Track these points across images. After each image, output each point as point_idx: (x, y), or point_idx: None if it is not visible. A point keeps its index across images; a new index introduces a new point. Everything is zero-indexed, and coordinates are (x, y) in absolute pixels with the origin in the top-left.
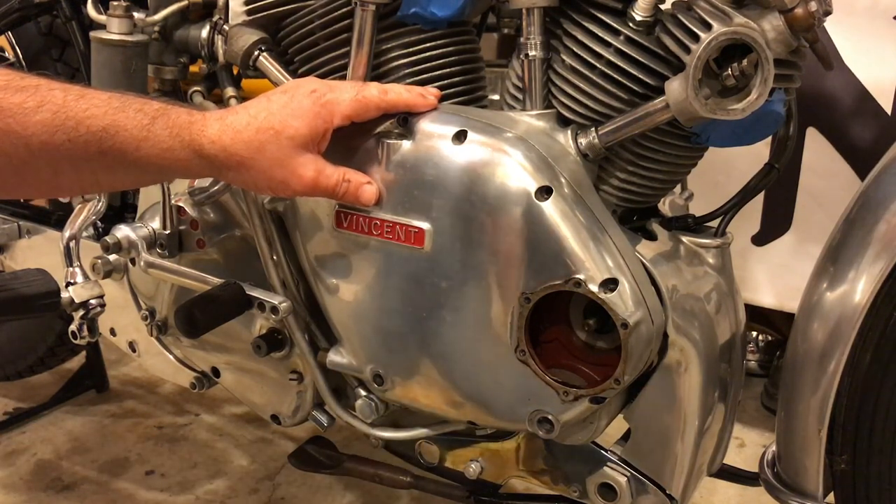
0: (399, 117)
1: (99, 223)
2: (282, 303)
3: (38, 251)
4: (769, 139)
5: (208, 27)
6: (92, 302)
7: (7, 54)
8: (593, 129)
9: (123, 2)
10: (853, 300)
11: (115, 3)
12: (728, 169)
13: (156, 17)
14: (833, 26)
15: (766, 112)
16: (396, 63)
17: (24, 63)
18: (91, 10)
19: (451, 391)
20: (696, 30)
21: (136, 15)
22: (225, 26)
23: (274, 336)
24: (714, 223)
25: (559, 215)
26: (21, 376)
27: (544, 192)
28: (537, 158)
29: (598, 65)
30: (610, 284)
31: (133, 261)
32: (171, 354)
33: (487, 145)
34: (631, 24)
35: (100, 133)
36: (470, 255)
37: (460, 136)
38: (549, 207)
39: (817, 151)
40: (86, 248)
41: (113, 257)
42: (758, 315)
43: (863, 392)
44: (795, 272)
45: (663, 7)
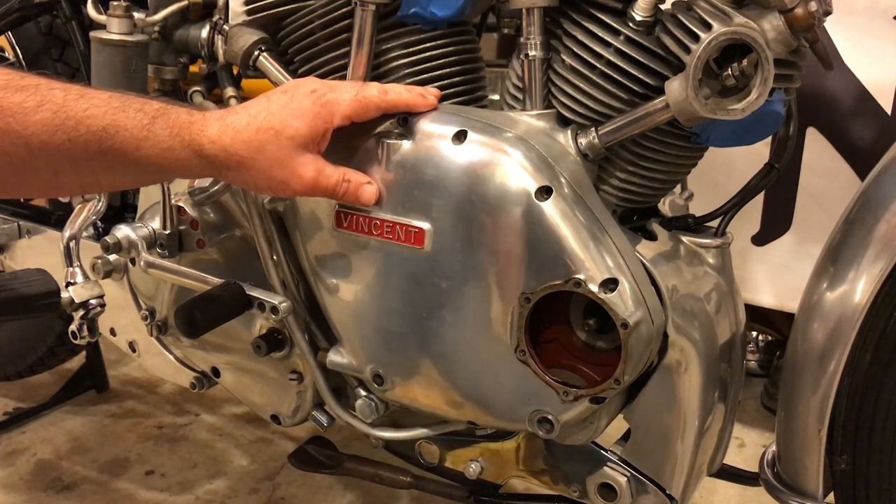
0: (399, 117)
1: (99, 223)
2: (282, 303)
3: (38, 251)
4: (769, 139)
5: (208, 27)
6: (92, 302)
7: (7, 54)
8: (593, 129)
9: (123, 2)
10: (853, 300)
11: (115, 3)
12: (728, 169)
13: (156, 17)
14: (833, 26)
15: (766, 112)
16: (396, 63)
17: (24, 63)
18: (91, 10)
19: (451, 391)
20: (696, 30)
21: (136, 15)
22: (225, 26)
23: (274, 336)
24: (714, 223)
25: (559, 215)
26: (21, 376)
27: (544, 192)
28: (537, 158)
29: (598, 65)
30: (610, 284)
31: (133, 261)
32: (171, 354)
33: (487, 145)
34: (631, 24)
35: (100, 133)
36: (470, 255)
37: (460, 136)
38: (549, 207)
39: (817, 151)
40: (86, 248)
41: (113, 257)
42: (758, 315)
43: (863, 392)
44: (795, 272)
45: (663, 7)
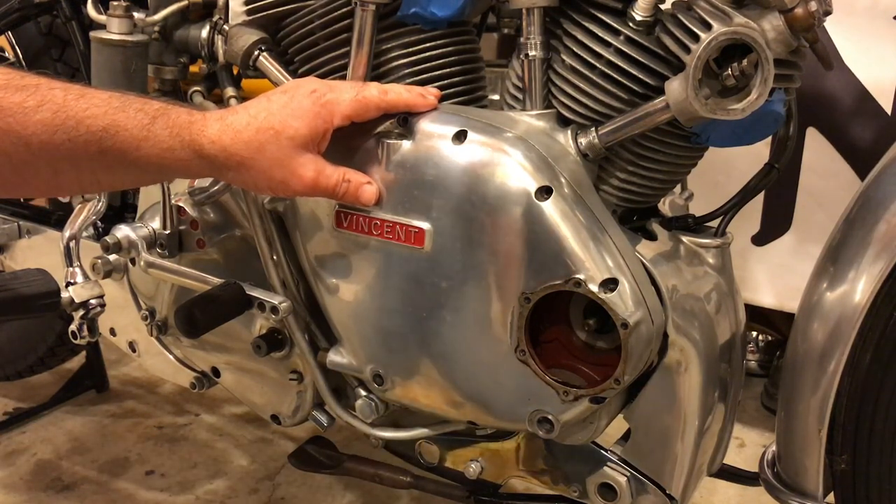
0: (399, 117)
1: (99, 223)
2: (282, 303)
3: (38, 251)
4: (769, 139)
5: (208, 27)
6: (92, 302)
7: (7, 54)
8: (593, 129)
9: (123, 2)
10: (853, 300)
11: (115, 3)
12: (728, 169)
13: (156, 17)
14: (833, 26)
15: (766, 112)
16: (396, 63)
17: (24, 63)
18: (91, 10)
19: (452, 391)
20: (696, 30)
21: (136, 15)
22: (225, 26)
23: (274, 336)
24: (714, 223)
25: (559, 215)
26: (21, 376)
27: (544, 192)
28: (537, 158)
29: (598, 65)
30: (610, 284)
31: (133, 261)
32: (171, 354)
33: (487, 145)
34: (631, 24)
35: (100, 133)
36: (470, 255)
37: (460, 136)
38: (549, 207)
39: (817, 151)
40: (86, 248)
41: (113, 257)
42: (758, 315)
43: (863, 392)
44: (795, 272)
45: (663, 7)
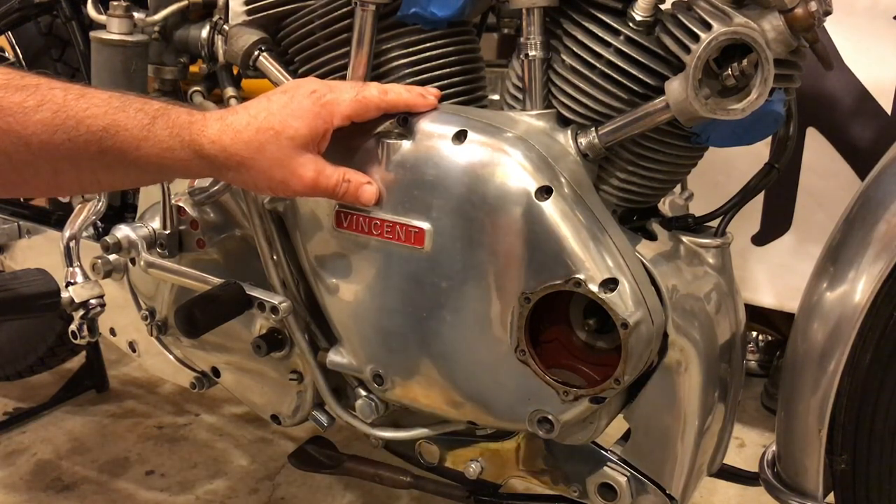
0: (399, 117)
1: (99, 223)
2: (282, 303)
3: (38, 251)
4: (769, 139)
5: (208, 27)
6: (92, 302)
7: (7, 54)
8: (593, 129)
9: (123, 2)
10: (853, 300)
11: (115, 3)
12: (728, 169)
13: (156, 17)
14: (833, 26)
15: (766, 112)
16: (396, 63)
17: (24, 63)
18: (91, 10)
19: (452, 391)
20: (696, 30)
21: (136, 15)
22: (225, 26)
23: (274, 336)
24: (714, 223)
25: (559, 215)
26: (21, 376)
27: (544, 192)
28: (537, 158)
29: (598, 65)
30: (610, 284)
31: (133, 261)
32: (171, 354)
33: (487, 145)
34: (631, 24)
35: (100, 132)
36: (470, 255)
37: (460, 136)
38: (549, 207)
39: (817, 151)
40: (86, 248)
41: (113, 257)
42: (758, 315)
43: (863, 392)
44: (795, 272)
45: (663, 7)
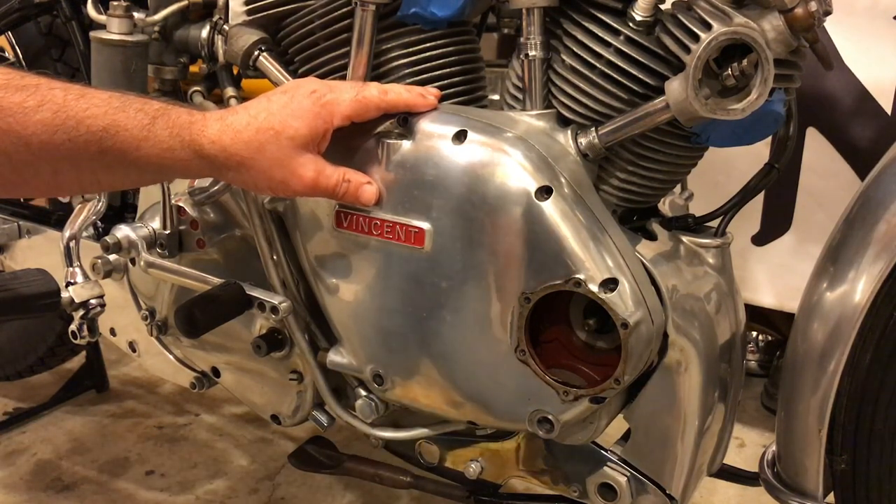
0: (399, 117)
1: (99, 223)
2: (282, 303)
3: (38, 251)
4: (769, 139)
5: (208, 27)
6: (92, 302)
7: (7, 54)
8: (593, 129)
9: (123, 2)
10: (853, 300)
11: (115, 3)
12: (728, 169)
13: (156, 17)
14: (833, 26)
15: (766, 112)
16: (396, 63)
17: (24, 63)
18: (91, 10)
19: (452, 391)
20: (696, 30)
21: (136, 15)
22: (225, 26)
23: (274, 336)
24: (714, 223)
25: (559, 215)
26: (21, 376)
27: (544, 192)
28: (537, 158)
29: (598, 65)
30: (610, 284)
31: (133, 261)
32: (171, 354)
33: (487, 145)
34: (631, 24)
35: (100, 133)
36: (470, 255)
37: (460, 136)
38: (549, 207)
39: (817, 151)
40: (86, 248)
41: (113, 257)
42: (758, 315)
43: (863, 392)
44: (795, 272)
45: (663, 7)
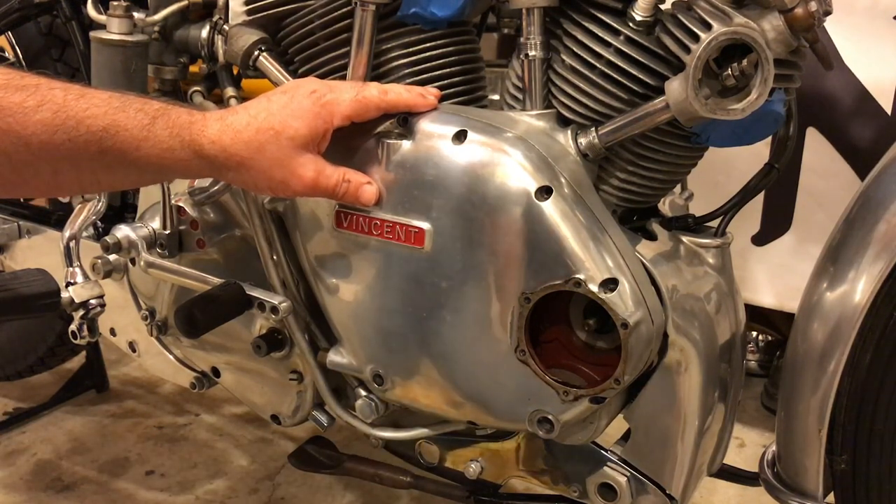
0: (399, 117)
1: (99, 223)
2: (282, 303)
3: (38, 251)
4: (769, 139)
5: (208, 27)
6: (92, 302)
7: (7, 54)
8: (593, 129)
9: (123, 2)
10: (853, 300)
11: (115, 3)
12: (728, 169)
13: (156, 17)
14: (833, 26)
15: (766, 112)
16: (396, 63)
17: (24, 63)
18: (91, 10)
19: (452, 391)
20: (696, 30)
21: (136, 15)
22: (225, 26)
23: (274, 336)
24: (714, 223)
25: (559, 215)
26: (21, 376)
27: (544, 192)
28: (537, 158)
29: (598, 65)
30: (610, 284)
31: (133, 261)
32: (171, 354)
33: (487, 145)
34: (631, 24)
35: (100, 133)
36: (470, 255)
37: (460, 136)
38: (549, 207)
39: (817, 151)
40: (86, 248)
41: (113, 257)
42: (758, 315)
43: (863, 392)
44: (795, 272)
45: (663, 7)
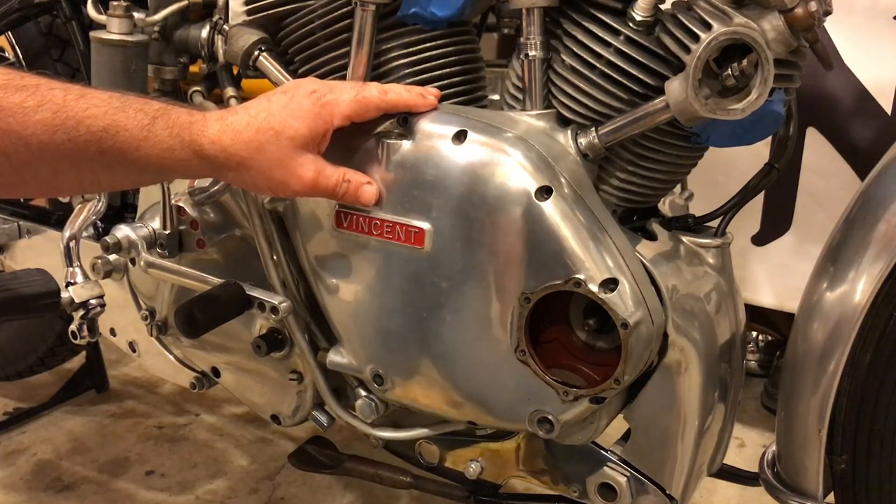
0: (399, 117)
1: (99, 223)
2: (282, 303)
3: (38, 251)
4: (769, 139)
5: (208, 27)
6: (92, 302)
7: (7, 54)
8: (593, 129)
9: (123, 2)
10: (853, 300)
11: (115, 3)
12: (728, 169)
13: (156, 17)
14: (833, 26)
15: (766, 112)
16: (396, 63)
17: (24, 63)
18: (91, 10)
19: (452, 391)
20: (696, 30)
21: (136, 15)
22: (225, 26)
23: (274, 336)
24: (714, 223)
25: (559, 215)
26: (21, 376)
27: (544, 192)
28: (537, 158)
29: (598, 65)
30: (610, 284)
31: (133, 261)
32: (171, 354)
33: (487, 145)
34: (631, 24)
35: (100, 133)
36: (470, 255)
37: (460, 136)
38: (549, 207)
39: (817, 151)
40: (86, 248)
41: (113, 257)
42: (758, 315)
43: (863, 392)
44: (795, 272)
45: (663, 7)
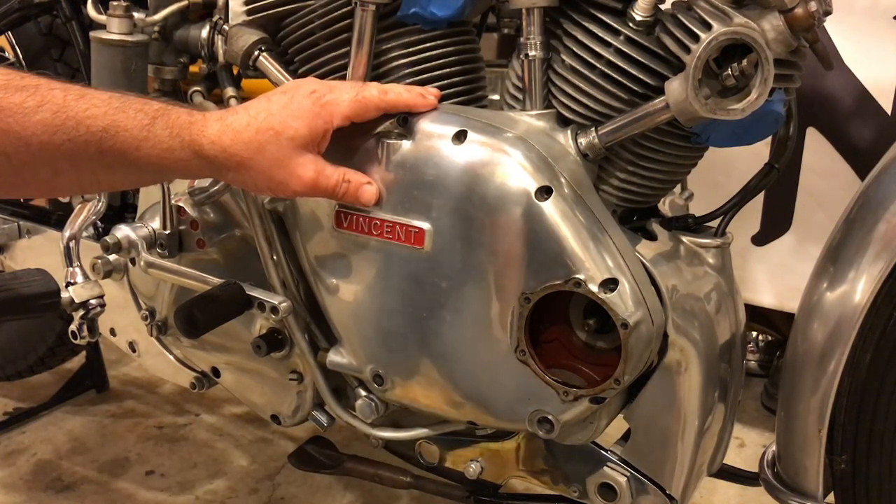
0: (399, 117)
1: (99, 223)
2: (282, 303)
3: (38, 251)
4: (769, 139)
5: (208, 27)
6: (92, 302)
7: (7, 54)
8: (593, 129)
9: (123, 2)
10: (853, 300)
11: (115, 3)
12: (728, 169)
13: (156, 17)
14: (833, 26)
15: (766, 112)
16: (396, 63)
17: (24, 63)
18: (91, 10)
19: (452, 391)
20: (696, 30)
21: (136, 15)
22: (225, 26)
23: (274, 336)
24: (714, 223)
25: (559, 215)
26: (21, 376)
27: (544, 192)
28: (537, 158)
29: (598, 65)
30: (610, 284)
31: (133, 261)
32: (171, 354)
33: (487, 145)
34: (631, 24)
35: (100, 133)
36: (470, 255)
37: (460, 136)
38: (549, 207)
39: (817, 151)
40: (86, 248)
41: (113, 257)
42: (758, 315)
43: (863, 392)
44: (795, 272)
45: (663, 7)
